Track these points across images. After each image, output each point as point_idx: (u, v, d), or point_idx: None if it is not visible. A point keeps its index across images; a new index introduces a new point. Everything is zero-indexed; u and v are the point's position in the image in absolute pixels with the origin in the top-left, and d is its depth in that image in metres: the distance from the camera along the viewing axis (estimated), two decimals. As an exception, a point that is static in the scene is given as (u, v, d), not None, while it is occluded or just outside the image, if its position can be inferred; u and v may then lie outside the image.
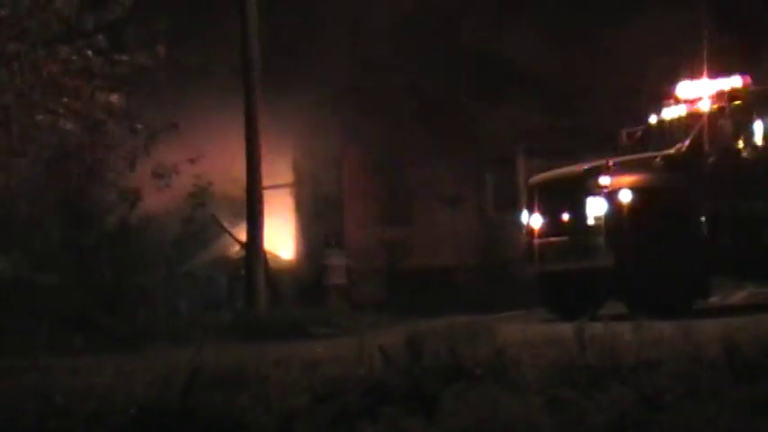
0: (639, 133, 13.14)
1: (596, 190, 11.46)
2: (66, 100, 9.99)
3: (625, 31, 18.50)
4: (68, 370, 6.96)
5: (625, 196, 11.33)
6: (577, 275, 11.70)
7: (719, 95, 12.00)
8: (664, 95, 12.95)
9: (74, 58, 9.98)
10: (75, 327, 11.53)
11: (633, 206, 11.29)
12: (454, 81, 19.44)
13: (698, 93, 12.25)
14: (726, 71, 12.44)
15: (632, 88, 17.12)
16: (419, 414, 5.19)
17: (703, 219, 11.43)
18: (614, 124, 14.25)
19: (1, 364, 8.68)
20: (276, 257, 20.01)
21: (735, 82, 12.13)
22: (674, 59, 14.16)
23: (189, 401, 5.35)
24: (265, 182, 15.86)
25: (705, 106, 12.01)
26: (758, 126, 11.80)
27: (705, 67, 12.52)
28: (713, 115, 11.88)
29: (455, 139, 20.26)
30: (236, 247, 18.28)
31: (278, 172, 19.46)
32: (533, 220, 12.54)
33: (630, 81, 17.84)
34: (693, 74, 12.59)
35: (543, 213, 12.35)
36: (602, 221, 11.38)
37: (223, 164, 17.52)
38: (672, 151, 11.83)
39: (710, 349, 5.82)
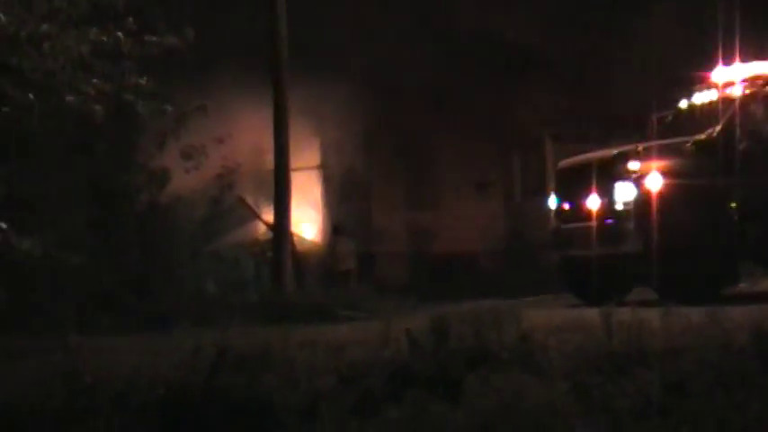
0: (670, 118, 13.03)
1: (625, 175, 11.37)
2: (95, 81, 10.01)
3: (655, 15, 18.35)
4: (96, 349, 7.01)
5: (654, 182, 11.23)
6: (605, 261, 11.64)
7: (752, 80, 11.86)
8: (695, 80, 12.82)
9: (103, 39, 10.00)
10: (103, 307, 11.62)
11: (662, 192, 11.19)
12: (482, 65, 19.36)
13: (730, 77, 12.12)
14: (759, 56, 12.29)
15: (662, 72, 16.97)
16: (444, 398, 5.18)
17: (733, 205, 11.31)
18: (644, 109, 14.15)
19: (30, 343, 8.78)
20: (303, 239, 20.07)
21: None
22: (706, 43, 14.00)
23: (215, 382, 5.38)
24: (293, 164, 15.90)
25: (737, 91, 11.88)
26: (791, 112, 11.66)
27: (737, 52, 12.37)
28: (745, 100, 11.75)
29: (482, 124, 20.20)
30: (263, 229, 18.34)
31: (305, 154, 19.49)
32: (561, 205, 12.47)
33: (660, 65, 17.70)
34: (725, 58, 12.45)
35: (571, 198, 12.28)
36: (630, 207, 11.30)
37: (251, 145, 17.57)
38: (703, 136, 11.70)
39: (739, 336, 5.77)
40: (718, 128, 11.64)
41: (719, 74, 12.32)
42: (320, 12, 18.10)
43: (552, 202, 12.76)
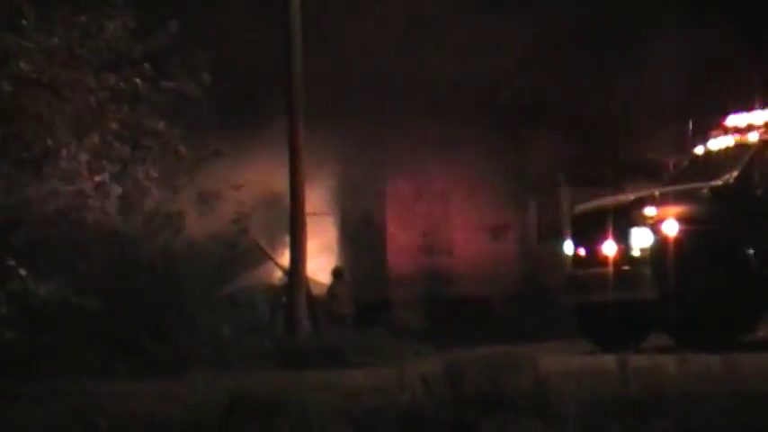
0: (686, 163, 13.03)
1: (642, 221, 11.36)
2: (114, 126, 10.12)
3: (672, 62, 18.41)
4: (112, 394, 7.01)
5: (671, 227, 11.21)
6: (621, 307, 11.58)
7: (768, 126, 11.88)
8: (711, 126, 12.83)
9: (122, 85, 10.12)
10: (119, 351, 11.61)
11: (679, 237, 11.16)
12: (496, 110, 19.44)
13: (746, 123, 12.13)
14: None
15: (678, 119, 17.00)
16: (459, 444, 5.15)
17: (751, 251, 11.26)
18: (660, 155, 14.15)
19: (47, 388, 8.77)
20: (318, 284, 20.05)
21: (784, 113, 12.01)
22: (722, 90, 14.04)
23: (229, 427, 5.36)
24: (308, 209, 15.94)
25: (754, 137, 11.88)
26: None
27: (755, 98, 12.39)
28: (762, 146, 11.75)
29: (498, 169, 20.22)
30: (279, 273, 18.35)
31: (321, 199, 19.54)
32: (577, 250, 12.45)
33: (676, 111, 17.72)
34: (742, 104, 12.47)
35: (587, 243, 12.26)
36: (647, 252, 11.27)
37: (266, 190, 17.63)
38: (719, 182, 11.69)
39: (756, 383, 5.72)
40: (735, 173, 11.63)
41: (735, 119, 12.33)
42: (336, 58, 18.25)
43: (568, 247, 12.74)
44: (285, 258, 16.23)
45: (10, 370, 9.56)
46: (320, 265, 20.08)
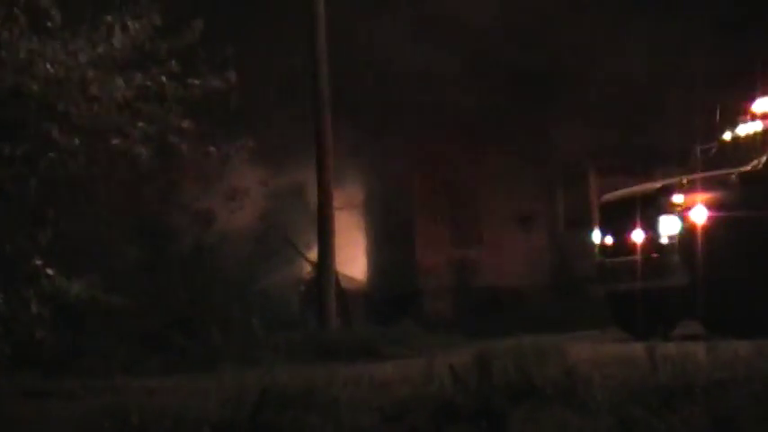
0: (714, 150, 12.94)
1: (670, 208, 11.30)
2: (140, 124, 10.18)
3: (699, 47, 18.28)
4: (144, 390, 7.08)
5: (699, 214, 11.15)
6: (650, 295, 11.54)
7: (798, 111, 11.79)
8: (739, 111, 12.74)
9: (148, 83, 10.18)
10: (150, 347, 11.71)
11: (708, 224, 11.10)
12: (524, 98, 19.38)
13: (773, 108, 12.03)
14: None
15: (706, 104, 16.88)
16: (488, 433, 5.17)
17: (780, 236, 11.18)
18: (687, 141, 14.06)
19: (79, 384, 8.87)
20: (347, 277, 20.12)
21: (814, 97, 11.91)
22: (750, 74, 13.92)
23: (260, 420, 5.41)
24: (336, 202, 15.99)
25: (782, 122, 11.80)
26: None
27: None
28: (790, 131, 11.67)
29: (526, 158, 20.18)
30: (308, 268, 18.43)
31: (349, 192, 19.59)
32: (605, 239, 12.41)
33: (704, 97, 17.60)
34: (768, 88, 12.37)
35: (615, 232, 12.22)
36: (675, 240, 11.21)
37: (294, 185, 17.70)
38: (748, 168, 11.61)
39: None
40: (764, 159, 11.55)
41: (763, 104, 12.23)
42: (362, 50, 18.27)
43: (596, 235, 12.70)
44: (314, 253, 16.30)
45: (42, 367, 9.67)
46: (349, 259, 20.15)
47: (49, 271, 7.54)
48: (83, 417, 5.88)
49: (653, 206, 11.49)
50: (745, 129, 12.37)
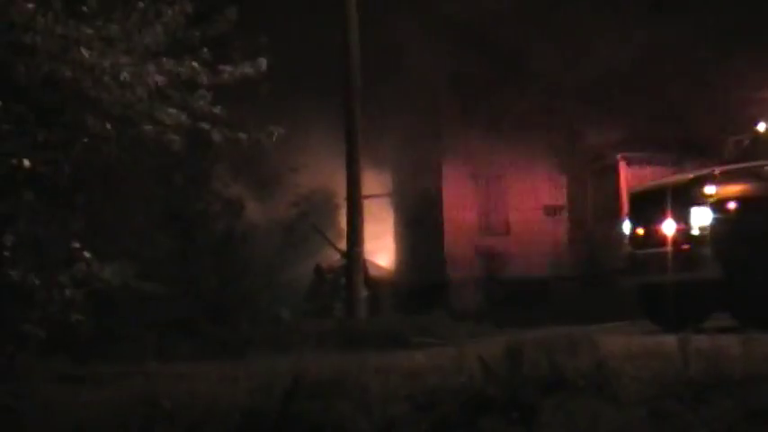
0: (747, 141, 12.82)
1: (702, 200, 11.22)
2: (172, 111, 10.21)
3: (732, 39, 18.11)
4: (174, 376, 7.12)
5: (731, 206, 11.06)
6: (682, 287, 11.47)
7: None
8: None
9: (180, 70, 10.21)
10: (181, 334, 11.79)
11: (740, 216, 11.02)
12: (554, 89, 19.29)
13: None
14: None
15: (739, 96, 16.72)
16: (519, 425, 5.16)
17: (814, 229, 11.07)
18: (719, 133, 13.95)
19: (111, 370, 8.95)
20: (376, 265, 20.15)
21: None
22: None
23: (291, 408, 5.42)
24: (365, 191, 16.00)
25: (816, 113, 11.67)
26: None
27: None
28: (824, 122, 11.54)
29: (555, 149, 20.10)
30: (337, 256, 18.48)
31: (378, 182, 19.60)
32: (636, 230, 12.34)
33: (737, 89, 17.44)
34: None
35: (646, 223, 12.15)
36: (707, 232, 11.13)
37: (324, 173, 17.73)
38: (781, 159, 11.51)
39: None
40: (798, 150, 11.45)
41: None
42: (392, 42, 18.24)
43: (626, 227, 12.63)
44: (343, 241, 16.34)
45: (74, 352, 9.76)
46: (378, 247, 20.17)
47: (87, 254, 7.59)
48: (115, 402, 5.92)
49: (685, 197, 11.41)
50: (780, 120, 12.26)
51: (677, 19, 18.50)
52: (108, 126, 9.38)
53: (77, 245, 7.78)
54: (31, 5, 8.50)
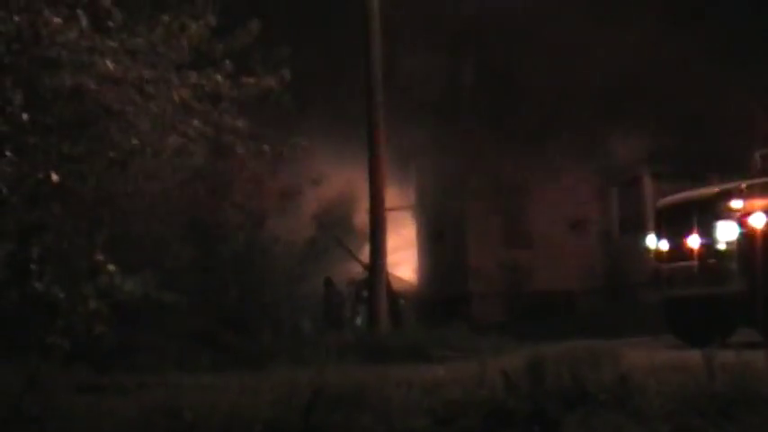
0: (773, 155, 12.74)
1: (728, 213, 11.13)
2: (196, 123, 10.26)
3: (758, 52, 18.00)
4: (196, 387, 7.12)
5: (758, 220, 10.96)
6: (707, 301, 11.37)
7: None
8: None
9: (203, 82, 10.26)
10: (202, 345, 11.80)
11: (766, 230, 10.92)
12: (580, 102, 19.24)
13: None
14: None
15: (765, 110, 16.61)
16: (541, 438, 5.12)
17: (840, 243, 10.96)
18: (746, 147, 13.85)
19: (133, 380, 8.96)
20: (398, 278, 20.12)
21: None
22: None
23: (312, 420, 5.40)
24: (388, 204, 15.98)
25: (843, 127, 11.58)
26: None
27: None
28: None
29: (580, 161, 20.03)
30: (359, 268, 18.47)
31: (401, 194, 19.59)
32: (661, 244, 12.26)
33: (763, 102, 17.32)
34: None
35: (671, 237, 12.06)
36: (734, 246, 11.04)
37: (346, 186, 17.74)
38: (808, 174, 11.42)
39: None
40: (824, 164, 11.36)
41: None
42: (414, 55, 18.26)
43: (652, 240, 12.55)
44: (366, 254, 16.32)
45: (96, 362, 9.79)
46: (400, 260, 20.14)
47: (111, 267, 7.63)
48: (136, 412, 5.92)
49: (711, 211, 11.33)
50: (806, 134, 12.17)
51: (708, 30, 18.41)
52: (133, 140, 9.44)
53: (101, 257, 7.81)
54: (57, 20, 8.56)
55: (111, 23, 9.10)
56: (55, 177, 7.87)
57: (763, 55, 17.92)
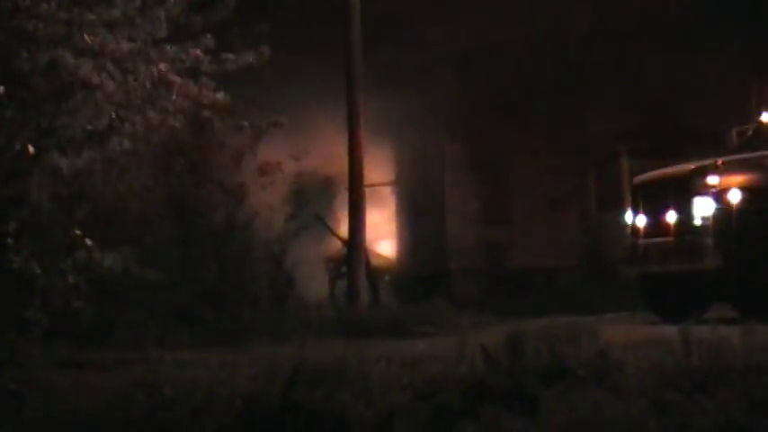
0: (750, 132, 12.80)
1: (704, 190, 11.21)
2: (175, 98, 10.22)
3: (733, 28, 18.06)
4: (176, 363, 7.12)
5: (734, 196, 11.05)
6: (683, 277, 11.47)
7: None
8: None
9: (182, 57, 10.21)
10: (182, 321, 11.79)
11: (743, 206, 11.01)
12: (558, 79, 19.24)
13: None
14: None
15: (741, 85, 16.68)
16: (520, 414, 5.16)
17: (816, 219, 11.06)
18: (722, 123, 13.92)
19: (112, 356, 8.96)
20: (378, 255, 20.14)
21: None
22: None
23: (291, 396, 5.43)
24: (367, 180, 15.97)
25: (820, 104, 11.66)
26: None
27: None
28: (828, 113, 11.52)
29: (557, 139, 20.05)
30: (338, 245, 18.46)
31: (380, 170, 19.57)
32: (638, 221, 12.33)
33: (740, 78, 17.40)
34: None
35: (648, 214, 12.14)
36: (710, 222, 11.13)
37: (326, 162, 17.71)
38: (784, 150, 11.50)
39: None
40: (801, 141, 11.44)
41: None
42: (394, 28, 18.20)
43: (628, 217, 12.63)
44: (345, 230, 16.31)
45: (76, 339, 9.77)
46: (379, 236, 20.15)
47: (88, 242, 7.60)
48: (116, 388, 5.93)
49: (687, 188, 11.41)
50: (783, 111, 12.24)
51: (681, 8, 18.45)
52: (112, 113, 9.39)
53: (78, 232, 7.79)
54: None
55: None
56: (32, 150, 7.81)
57: (741, 31, 17.99)
